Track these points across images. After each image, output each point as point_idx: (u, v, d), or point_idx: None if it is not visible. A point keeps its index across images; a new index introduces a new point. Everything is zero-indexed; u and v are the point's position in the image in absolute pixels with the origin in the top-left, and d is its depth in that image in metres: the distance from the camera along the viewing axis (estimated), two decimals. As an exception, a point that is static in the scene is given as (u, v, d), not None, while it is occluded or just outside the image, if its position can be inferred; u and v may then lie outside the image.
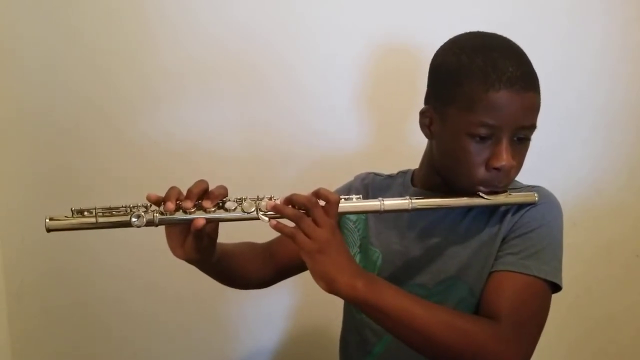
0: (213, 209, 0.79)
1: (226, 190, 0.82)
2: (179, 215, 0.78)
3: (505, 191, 0.88)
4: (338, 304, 0.95)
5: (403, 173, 1.05)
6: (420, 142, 0.97)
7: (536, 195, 0.89)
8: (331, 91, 1.37)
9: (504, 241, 0.88)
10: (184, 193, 0.80)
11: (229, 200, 0.81)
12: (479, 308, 0.87)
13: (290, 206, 0.81)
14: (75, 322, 1.44)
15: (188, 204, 0.78)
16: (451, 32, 0.92)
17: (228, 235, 0.91)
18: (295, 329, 1.49)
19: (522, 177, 0.92)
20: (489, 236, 0.90)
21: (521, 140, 0.86)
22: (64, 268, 1.40)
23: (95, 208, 0.77)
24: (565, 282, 0.86)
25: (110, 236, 0.82)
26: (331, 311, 1.06)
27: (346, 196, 0.85)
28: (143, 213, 0.76)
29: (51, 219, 0.76)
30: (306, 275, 1.01)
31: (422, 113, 0.92)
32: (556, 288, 0.86)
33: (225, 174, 1.32)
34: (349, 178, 1.10)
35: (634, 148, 1.43)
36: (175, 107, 1.37)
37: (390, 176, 1.06)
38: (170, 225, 0.81)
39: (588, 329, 1.50)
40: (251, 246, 1.05)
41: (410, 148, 1.09)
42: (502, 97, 0.81)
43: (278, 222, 0.79)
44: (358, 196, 0.86)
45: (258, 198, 0.81)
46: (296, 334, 1.49)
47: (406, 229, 0.97)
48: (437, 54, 0.92)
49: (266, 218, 0.80)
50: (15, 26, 1.32)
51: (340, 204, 0.82)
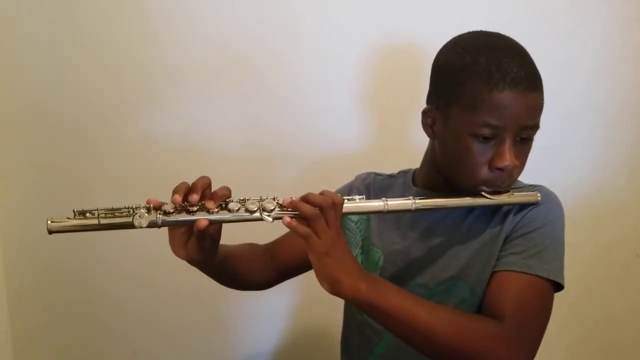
0: (216, 210, 0.79)
1: (229, 191, 0.82)
2: (182, 216, 0.78)
3: (507, 191, 0.88)
4: (338, 303, 0.94)
5: (404, 173, 1.04)
6: (421, 142, 0.97)
7: (538, 195, 0.89)
8: (332, 91, 1.37)
9: (507, 241, 0.88)
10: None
11: (232, 201, 0.80)
12: (482, 308, 0.86)
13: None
14: (75, 321, 1.44)
15: (194, 197, 0.77)
16: (452, 32, 0.92)
17: (230, 234, 0.90)
18: (295, 328, 1.49)
19: (523, 177, 0.91)
20: (491, 236, 0.90)
21: (524, 140, 0.86)
22: (65, 267, 1.40)
23: (97, 209, 0.76)
24: (565, 282, 0.87)
25: (110, 235, 0.81)
26: (331, 310, 1.06)
27: (349, 197, 0.85)
28: (146, 214, 0.76)
29: (53, 221, 0.75)
30: (306, 274, 1.01)
31: (425, 113, 0.92)
32: (558, 287, 0.86)
33: (225, 174, 1.32)
34: (350, 178, 1.09)
35: (634, 148, 1.43)
36: (175, 107, 1.36)
37: (391, 176, 1.06)
38: (173, 226, 0.81)
39: (588, 329, 1.50)
40: (253, 247, 1.05)
41: (411, 148, 1.09)
42: (506, 98, 0.81)
43: (292, 221, 0.78)
44: (361, 197, 0.86)
45: (261, 199, 0.81)
46: (296, 333, 1.49)
47: (408, 229, 0.97)
48: (440, 54, 0.91)
49: (270, 219, 0.80)
50: (15, 24, 1.31)
51: (344, 205, 0.82)
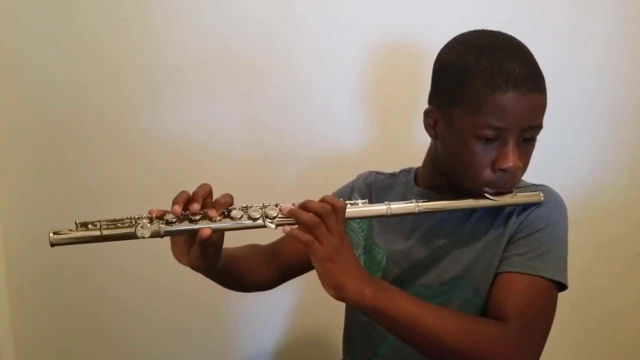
0: (219, 218, 0.79)
1: (232, 198, 0.81)
2: (185, 225, 0.77)
3: (510, 192, 0.88)
4: (339, 304, 0.94)
5: (406, 172, 1.04)
6: (422, 142, 0.96)
7: (541, 195, 0.89)
8: (332, 91, 1.36)
9: (510, 241, 0.88)
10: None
11: (235, 208, 0.80)
12: (487, 310, 0.87)
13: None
14: (76, 319, 1.44)
15: (195, 207, 0.77)
16: (452, 31, 0.91)
17: (232, 235, 0.89)
18: (295, 328, 1.48)
19: (524, 175, 0.90)
20: (494, 236, 0.89)
21: (527, 140, 0.85)
22: (66, 265, 1.39)
23: (99, 220, 0.76)
24: (567, 281, 0.87)
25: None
26: (332, 310, 1.05)
27: (352, 202, 0.84)
28: (148, 224, 0.75)
29: (55, 233, 0.75)
30: (307, 274, 1.01)
31: (427, 113, 0.91)
32: (562, 287, 0.86)
33: (225, 174, 1.34)
34: (350, 178, 1.09)
35: (636, 147, 1.42)
36: (176, 107, 1.35)
37: (392, 175, 1.05)
38: (175, 235, 0.80)
39: (589, 328, 1.50)
40: (254, 249, 1.04)
41: (411, 148, 1.08)
42: (509, 99, 0.80)
43: (293, 229, 0.78)
44: (364, 201, 0.85)
45: (264, 205, 0.80)
46: (297, 333, 1.49)
47: (410, 230, 0.96)
48: (442, 53, 0.90)
49: (273, 226, 0.79)
50: (15, 24, 1.31)
51: (347, 210, 0.81)
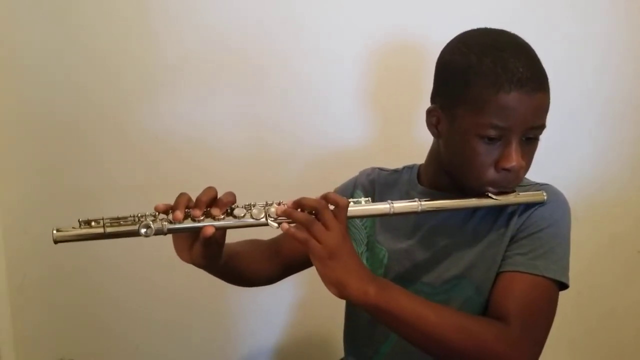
0: (222, 217, 0.79)
1: (234, 197, 0.81)
2: (188, 223, 0.78)
3: (513, 191, 0.88)
4: (339, 301, 0.94)
5: (409, 168, 1.03)
6: (425, 141, 0.96)
7: (544, 194, 0.89)
8: (332, 90, 1.36)
9: (513, 241, 0.88)
10: (193, 199, 0.79)
11: (238, 206, 0.80)
12: (488, 308, 0.87)
13: (299, 210, 0.80)
14: (76, 319, 1.44)
15: (197, 213, 0.77)
16: (453, 31, 0.90)
17: (234, 231, 0.90)
18: (295, 326, 1.49)
19: (528, 173, 0.90)
20: (497, 236, 0.89)
21: (530, 140, 0.85)
22: (66, 264, 1.39)
23: (102, 218, 0.76)
24: (568, 280, 0.87)
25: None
26: (332, 308, 1.05)
27: (355, 200, 0.85)
28: (151, 222, 0.76)
29: (58, 230, 0.75)
30: (307, 271, 1.01)
31: (429, 112, 0.91)
32: (563, 286, 0.87)
33: (226, 173, 1.34)
34: (352, 176, 1.09)
35: (637, 146, 1.42)
36: (176, 106, 1.35)
37: (395, 171, 1.05)
38: (179, 233, 0.81)
39: (590, 325, 1.50)
40: (256, 244, 1.04)
41: (412, 146, 1.08)
42: (513, 99, 0.80)
43: (290, 227, 0.78)
44: (367, 199, 0.86)
45: (267, 204, 0.80)
46: (297, 332, 1.49)
47: (413, 228, 0.96)
48: (444, 52, 0.90)
49: (275, 224, 0.80)
50: (15, 24, 1.30)
51: (349, 208, 0.81)
